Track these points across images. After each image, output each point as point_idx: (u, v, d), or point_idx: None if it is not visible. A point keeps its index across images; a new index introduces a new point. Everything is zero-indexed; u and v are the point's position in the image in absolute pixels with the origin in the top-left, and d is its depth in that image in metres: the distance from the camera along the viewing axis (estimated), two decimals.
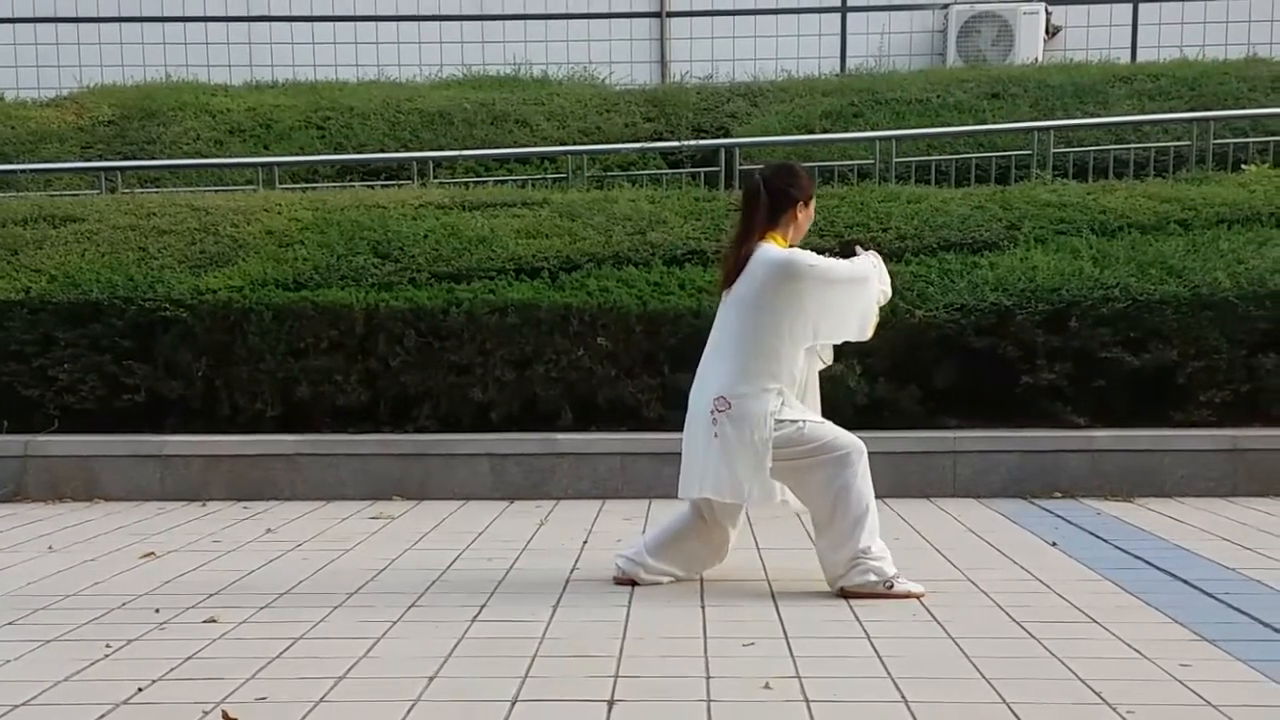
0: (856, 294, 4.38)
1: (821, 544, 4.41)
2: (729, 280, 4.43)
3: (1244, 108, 9.43)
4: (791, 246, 4.44)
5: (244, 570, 4.93)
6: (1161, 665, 3.51)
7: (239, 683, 3.47)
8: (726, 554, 4.66)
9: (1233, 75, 10.18)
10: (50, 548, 5.43)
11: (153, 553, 5.28)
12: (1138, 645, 3.71)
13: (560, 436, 6.63)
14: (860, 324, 4.43)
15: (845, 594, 4.34)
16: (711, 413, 4.32)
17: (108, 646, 3.86)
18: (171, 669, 3.62)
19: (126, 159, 10.02)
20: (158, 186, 9.65)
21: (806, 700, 3.25)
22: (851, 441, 4.34)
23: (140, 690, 3.42)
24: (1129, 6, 13.55)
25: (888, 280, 4.53)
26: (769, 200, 4.39)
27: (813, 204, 4.54)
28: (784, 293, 4.28)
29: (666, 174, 9.43)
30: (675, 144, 9.64)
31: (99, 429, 6.89)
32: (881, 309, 4.54)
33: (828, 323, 4.38)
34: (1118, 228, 7.31)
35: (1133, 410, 6.58)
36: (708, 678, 3.46)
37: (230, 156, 10.04)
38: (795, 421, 4.31)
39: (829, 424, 4.42)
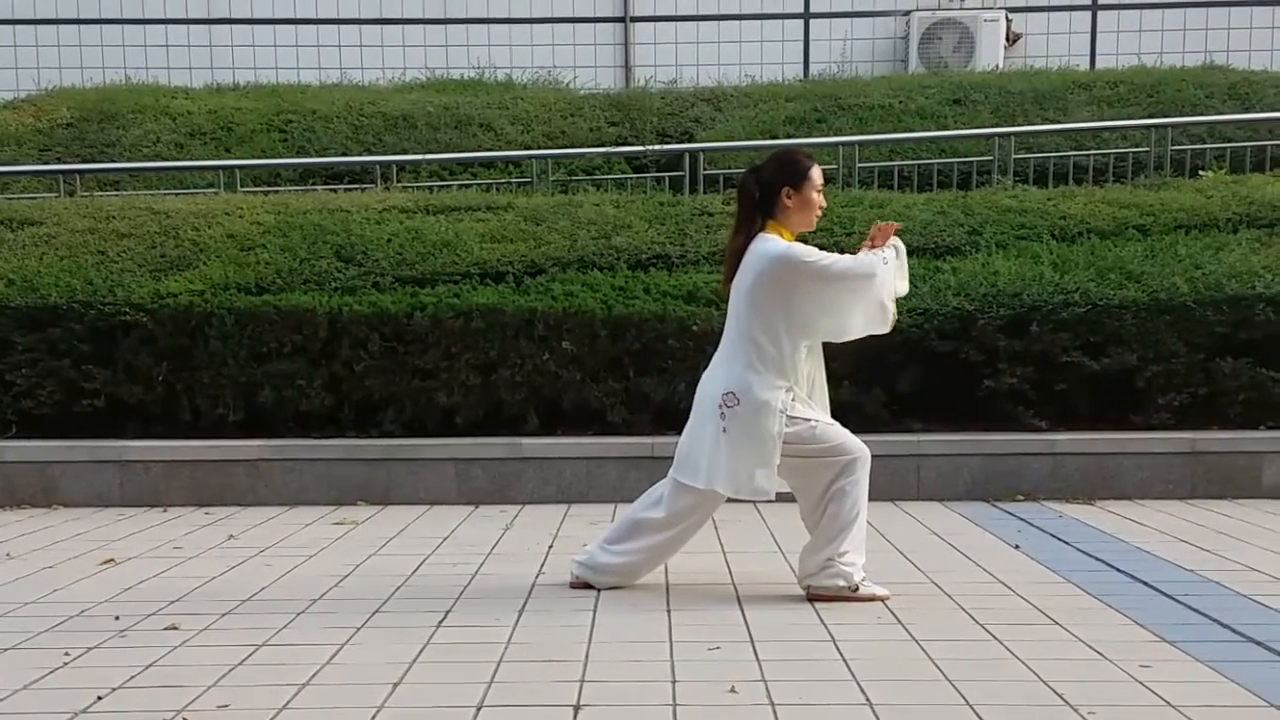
0: (860, 290, 4.28)
1: (807, 543, 4.42)
2: (729, 275, 4.41)
3: (1201, 115, 9.56)
4: (797, 236, 4.39)
5: (206, 577, 4.89)
6: (1122, 666, 3.55)
7: (200, 691, 3.44)
8: (682, 546, 4.61)
9: (1190, 83, 10.31)
10: (8, 555, 5.35)
11: (113, 559, 5.23)
12: (1099, 646, 3.75)
13: (525, 441, 6.61)
14: (866, 321, 4.36)
15: (811, 595, 4.36)
16: (720, 407, 4.30)
17: (67, 654, 3.82)
18: (131, 677, 3.58)
19: (85, 162, 9.91)
20: (117, 190, 9.55)
21: (772, 704, 3.26)
22: (859, 447, 4.34)
23: (100, 699, 3.39)
24: (1088, 14, 13.71)
25: (905, 272, 4.43)
26: (760, 191, 4.34)
27: (808, 188, 4.33)
28: (780, 287, 4.25)
29: (631, 178, 9.44)
30: (640, 149, 9.65)
31: (58, 434, 6.81)
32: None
33: (829, 320, 4.36)
34: (1077, 233, 7.40)
35: (1093, 414, 6.65)
36: (673, 682, 3.46)
37: (191, 159, 9.96)
38: (808, 420, 4.31)
39: (839, 426, 4.41)
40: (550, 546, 5.41)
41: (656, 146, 9.66)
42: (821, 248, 4.61)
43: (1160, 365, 6.56)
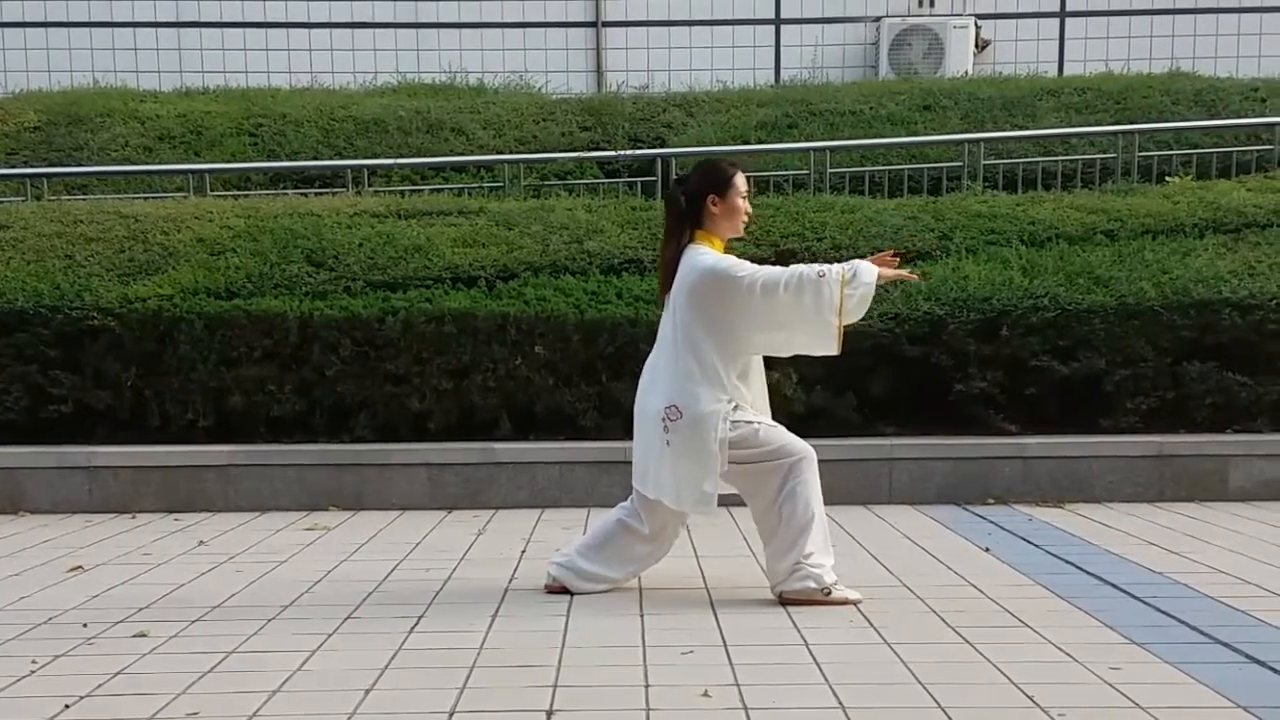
0: (793, 303, 4.22)
1: (768, 550, 4.43)
2: (665, 287, 4.45)
3: (1168, 121, 9.64)
4: (727, 245, 4.43)
5: (175, 583, 4.85)
6: (1092, 668, 3.57)
7: (170, 698, 3.41)
8: (663, 557, 4.65)
9: (1157, 89, 10.40)
10: None
11: (81, 566, 5.18)
12: (1069, 649, 3.78)
13: (498, 446, 6.60)
14: (808, 338, 4.31)
15: (784, 599, 4.37)
16: (663, 420, 4.31)
17: (34, 663, 3.78)
18: (100, 685, 3.55)
19: (52, 166, 9.81)
20: (85, 194, 9.45)
21: (745, 708, 3.27)
22: (804, 448, 4.35)
23: (67, 707, 3.35)
24: (1056, 21, 13.81)
25: (864, 293, 4.23)
26: (687, 201, 4.37)
27: (733, 195, 4.35)
28: (712, 298, 4.26)
29: (603, 183, 9.43)
30: (612, 154, 9.65)
31: (25, 440, 6.74)
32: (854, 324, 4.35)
33: (764, 335, 4.36)
34: (1046, 238, 7.45)
35: (1063, 417, 6.70)
36: (646, 686, 3.46)
37: (160, 163, 9.88)
38: (751, 423, 4.32)
39: (782, 428, 4.42)
40: (523, 551, 5.40)
41: (628, 151, 9.66)
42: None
43: (1128, 369, 6.62)
